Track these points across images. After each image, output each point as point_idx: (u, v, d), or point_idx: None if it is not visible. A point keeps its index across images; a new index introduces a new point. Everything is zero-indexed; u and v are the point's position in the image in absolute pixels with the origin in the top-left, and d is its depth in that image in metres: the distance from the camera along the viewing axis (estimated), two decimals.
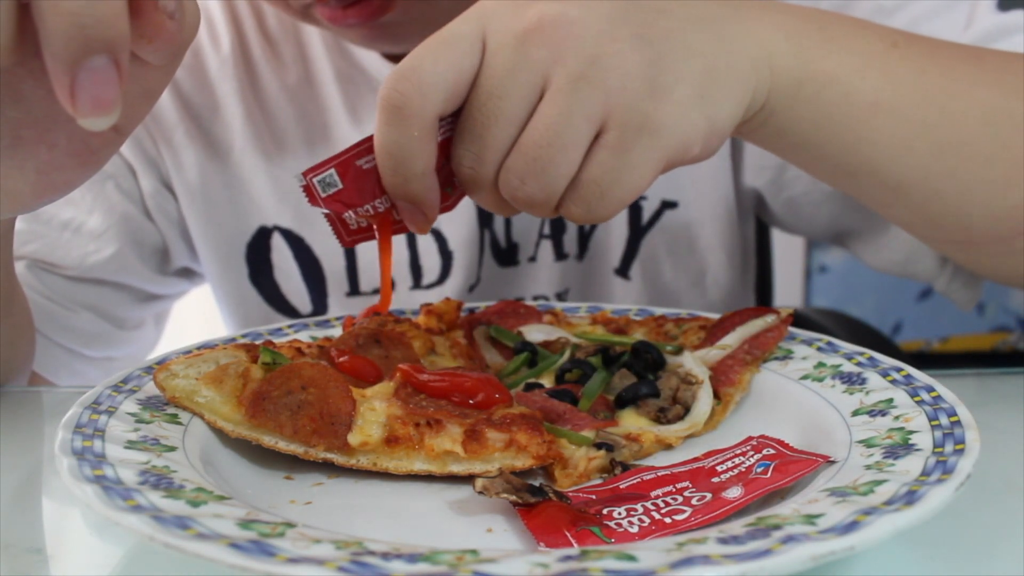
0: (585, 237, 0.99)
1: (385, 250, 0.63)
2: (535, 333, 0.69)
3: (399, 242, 0.97)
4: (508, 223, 0.98)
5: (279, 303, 1.00)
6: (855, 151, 0.64)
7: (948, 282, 0.86)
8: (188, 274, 1.04)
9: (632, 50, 0.55)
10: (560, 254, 0.99)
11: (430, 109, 0.55)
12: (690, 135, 0.57)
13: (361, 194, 0.59)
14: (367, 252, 0.97)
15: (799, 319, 0.71)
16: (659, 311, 0.75)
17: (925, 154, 0.64)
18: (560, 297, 1.00)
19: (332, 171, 0.59)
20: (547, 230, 0.98)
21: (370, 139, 0.58)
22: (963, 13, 0.82)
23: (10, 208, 0.55)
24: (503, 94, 0.55)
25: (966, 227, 0.69)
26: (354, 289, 0.99)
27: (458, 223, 0.96)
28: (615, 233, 0.98)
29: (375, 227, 0.62)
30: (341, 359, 0.60)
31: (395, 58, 0.93)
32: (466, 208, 0.96)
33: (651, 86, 0.55)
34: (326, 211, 0.61)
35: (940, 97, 0.64)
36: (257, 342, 0.61)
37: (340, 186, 0.59)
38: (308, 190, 0.59)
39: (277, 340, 0.67)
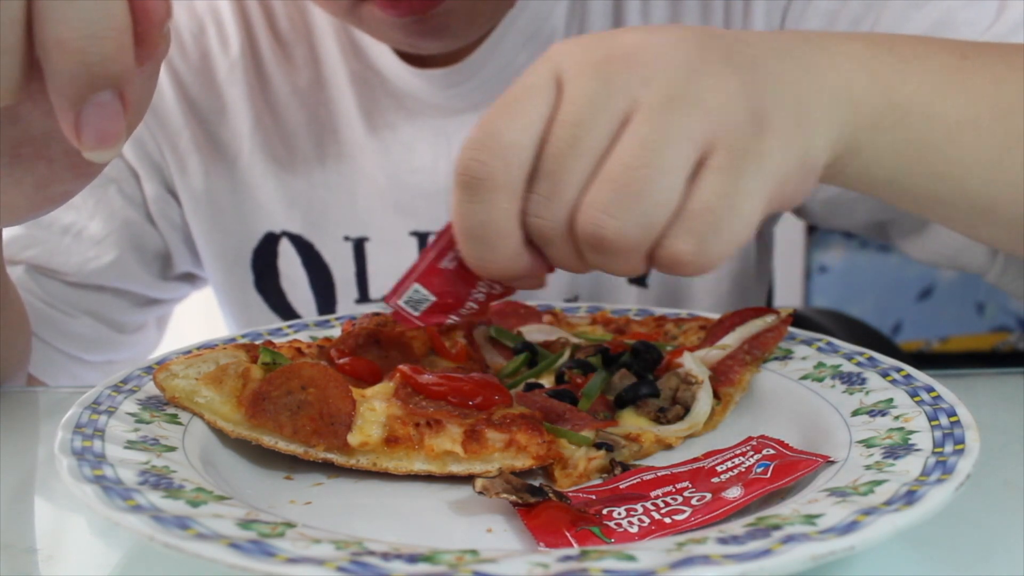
0: None
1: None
2: (535, 333, 0.69)
3: (408, 247, 0.97)
4: None
5: (284, 310, 0.99)
6: (944, 176, 0.60)
7: (1000, 273, 0.83)
8: (190, 279, 1.04)
9: (727, 73, 0.49)
10: None
11: (516, 173, 0.48)
12: (790, 167, 0.51)
13: (458, 295, 0.53)
14: (377, 257, 0.97)
15: (799, 319, 0.71)
16: (659, 311, 0.75)
17: (1016, 167, 0.60)
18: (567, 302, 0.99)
19: (416, 286, 0.53)
20: None
21: (447, 231, 0.52)
22: (993, 1, 0.79)
23: (8, 220, 0.55)
24: (580, 120, 0.47)
25: None
26: (363, 296, 0.98)
27: None
28: None
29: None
30: (341, 360, 0.60)
31: (416, 60, 0.92)
32: None
33: (751, 111, 0.49)
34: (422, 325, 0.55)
35: (1022, 104, 0.60)
36: (257, 342, 0.61)
37: (433, 298, 0.53)
38: (399, 316, 0.54)
39: (277, 340, 0.67)
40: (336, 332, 0.71)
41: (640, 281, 0.99)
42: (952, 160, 0.60)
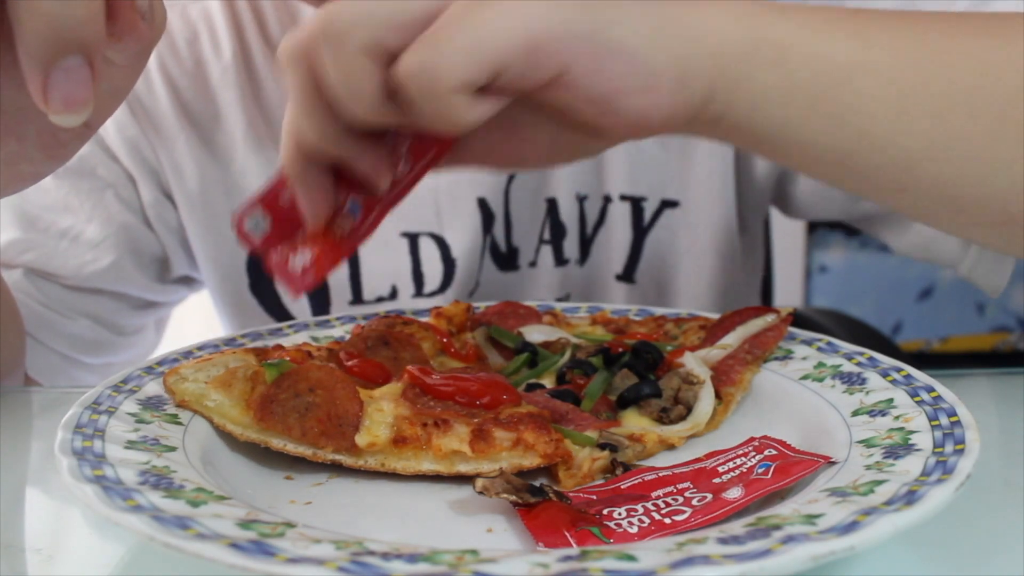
0: (587, 242, 0.98)
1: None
2: (535, 334, 0.69)
3: (399, 248, 0.97)
4: (509, 228, 0.97)
5: (279, 313, 1.00)
6: (844, 123, 0.56)
7: (972, 266, 0.80)
8: (188, 281, 1.04)
9: None
10: (560, 259, 0.98)
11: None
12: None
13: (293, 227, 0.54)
14: (369, 259, 0.97)
15: (799, 319, 0.70)
16: (659, 311, 0.75)
17: (924, 117, 0.56)
18: (560, 302, 1.00)
19: (259, 208, 0.54)
20: (547, 235, 0.98)
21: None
22: None
23: None
24: None
25: (1000, 201, 0.58)
26: (357, 297, 0.98)
27: (461, 229, 0.96)
28: (617, 237, 0.98)
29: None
30: (350, 362, 0.60)
31: None
32: (469, 214, 0.96)
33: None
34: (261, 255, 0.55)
35: (926, 53, 0.56)
36: (260, 343, 0.61)
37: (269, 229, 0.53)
38: (242, 235, 0.54)
39: (276, 340, 0.67)
40: (336, 332, 0.71)
41: (629, 278, 0.99)
42: (849, 106, 0.56)
